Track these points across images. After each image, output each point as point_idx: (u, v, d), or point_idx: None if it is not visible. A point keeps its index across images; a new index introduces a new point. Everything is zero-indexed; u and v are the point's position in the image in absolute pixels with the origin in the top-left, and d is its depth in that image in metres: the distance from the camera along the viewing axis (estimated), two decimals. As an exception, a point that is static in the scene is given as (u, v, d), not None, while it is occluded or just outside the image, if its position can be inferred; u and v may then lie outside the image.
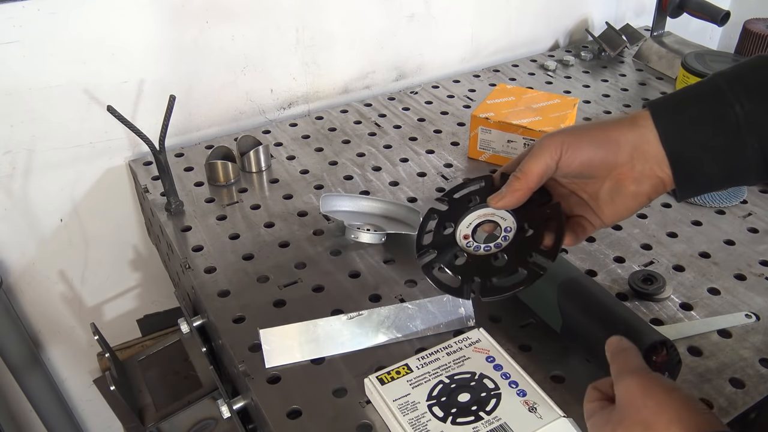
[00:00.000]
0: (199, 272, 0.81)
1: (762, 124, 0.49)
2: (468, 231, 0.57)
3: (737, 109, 0.49)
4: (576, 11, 1.45)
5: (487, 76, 1.31)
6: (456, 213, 0.60)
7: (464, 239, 0.57)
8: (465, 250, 0.56)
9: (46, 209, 1.04)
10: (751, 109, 0.48)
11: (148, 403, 0.91)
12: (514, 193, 0.54)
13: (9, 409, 1.21)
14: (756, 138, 0.49)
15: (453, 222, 0.59)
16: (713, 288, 0.77)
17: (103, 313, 1.19)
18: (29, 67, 0.91)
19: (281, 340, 0.69)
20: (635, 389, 0.45)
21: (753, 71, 0.50)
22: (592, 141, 0.52)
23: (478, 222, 0.58)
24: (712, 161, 0.51)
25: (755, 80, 0.50)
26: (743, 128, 0.49)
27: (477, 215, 0.58)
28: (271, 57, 1.11)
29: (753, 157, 0.49)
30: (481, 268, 0.55)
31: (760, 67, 0.50)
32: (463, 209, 0.60)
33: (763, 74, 0.50)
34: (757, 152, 0.49)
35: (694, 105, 0.51)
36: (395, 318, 0.71)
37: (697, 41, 1.37)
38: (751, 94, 0.49)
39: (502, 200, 0.54)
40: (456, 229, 0.58)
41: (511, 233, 0.56)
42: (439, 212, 0.61)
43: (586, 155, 0.52)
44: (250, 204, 0.94)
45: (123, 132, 1.03)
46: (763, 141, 0.49)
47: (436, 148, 1.07)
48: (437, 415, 0.59)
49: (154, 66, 1.01)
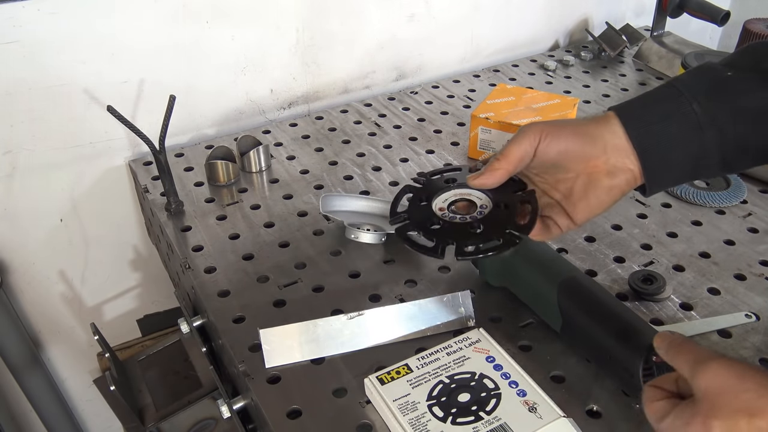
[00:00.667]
0: (199, 272, 0.81)
1: (719, 119, 0.54)
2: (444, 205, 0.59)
3: (695, 107, 0.54)
4: (576, 11, 1.45)
5: (487, 76, 1.31)
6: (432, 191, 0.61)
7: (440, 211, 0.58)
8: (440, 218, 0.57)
9: (46, 209, 1.04)
10: (708, 107, 0.54)
11: (148, 403, 0.91)
12: (493, 173, 0.55)
13: (9, 409, 1.21)
14: (715, 131, 0.54)
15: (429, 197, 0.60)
16: (713, 288, 0.77)
17: (103, 313, 1.20)
18: (29, 67, 0.91)
19: (281, 340, 0.69)
20: (729, 374, 0.42)
21: (702, 74, 0.56)
22: (570, 132, 0.55)
23: (453, 199, 0.59)
24: (677, 154, 0.55)
25: (707, 83, 0.55)
26: (703, 123, 0.54)
27: (453, 193, 0.60)
28: (271, 57, 1.11)
29: (713, 149, 0.54)
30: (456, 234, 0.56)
31: (707, 71, 0.56)
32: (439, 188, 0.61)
33: (712, 77, 0.55)
34: (716, 145, 0.54)
35: (657, 105, 0.56)
36: (395, 318, 0.71)
37: (697, 41, 1.37)
38: (706, 94, 0.54)
39: (480, 178, 0.56)
40: (432, 203, 0.59)
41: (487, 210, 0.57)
42: (415, 188, 0.63)
43: (564, 145, 0.55)
44: (250, 204, 0.94)
45: (123, 132, 1.03)
46: (721, 135, 0.54)
47: (436, 148, 1.07)
48: (437, 415, 0.59)
49: (154, 66, 1.01)
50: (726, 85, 0.54)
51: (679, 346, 0.46)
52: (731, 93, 0.54)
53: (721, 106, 0.54)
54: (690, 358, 0.45)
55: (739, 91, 0.54)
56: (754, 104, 0.54)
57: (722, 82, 0.55)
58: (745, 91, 0.54)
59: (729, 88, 0.54)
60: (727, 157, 0.55)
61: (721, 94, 0.54)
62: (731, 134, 0.54)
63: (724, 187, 0.93)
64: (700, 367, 0.43)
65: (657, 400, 0.46)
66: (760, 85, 0.54)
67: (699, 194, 0.91)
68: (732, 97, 0.54)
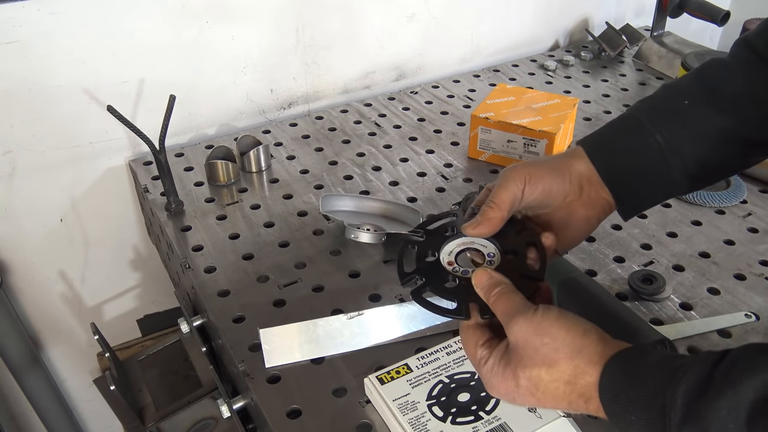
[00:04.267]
0: (199, 272, 0.81)
1: (681, 147, 0.57)
2: (451, 258, 0.57)
3: (658, 138, 0.57)
4: (576, 11, 1.45)
5: (487, 76, 1.31)
6: (434, 243, 0.59)
7: (449, 265, 0.56)
8: (453, 274, 0.56)
9: (46, 209, 1.04)
10: (669, 137, 0.57)
11: (148, 403, 0.91)
12: (489, 221, 0.55)
13: (9, 409, 1.21)
14: (678, 159, 0.57)
15: (433, 250, 0.58)
16: (713, 288, 0.77)
17: (103, 313, 1.20)
18: (29, 67, 0.91)
19: (281, 339, 0.69)
20: (529, 330, 0.46)
21: (663, 102, 0.59)
22: (549, 170, 0.57)
23: (459, 250, 0.57)
24: (644, 184, 0.58)
25: (668, 110, 0.58)
26: (666, 153, 0.57)
27: (456, 243, 0.58)
28: (270, 57, 1.11)
29: (679, 176, 0.57)
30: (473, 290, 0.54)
31: (668, 99, 0.59)
32: (440, 239, 0.59)
33: (673, 105, 0.58)
34: (681, 171, 0.57)
35: (621, 137, 0.59)
36: (395, 318, 0.71)
37: (697, 41, 1.37)
38: (667, 123, 0.57)
39: (478, 228, 0.56)
40: (439, 257, 0.58)
41: (495, 258, 0.56)
42: (417, 242, 0.60)
43: (547, 183, 0.57)
44: (250, 204, 0.94)
45: (123, 132, 1.03)
46: (683, 161, 0.57)
47: (436, 148, 1.07)
48: (437, 414, 0.59)
49: (154, 66, 1.01)
50: (685, 114, 0.58)
51: (497, 297, 0.49)
52: (690, 121, 0.57)
53: (682, 134, 0.57)
54: (504, 309, 0.48)
55: (697, 119, 0.57)
56: (711, 130, 0.57)
57: (681, 111, 0.58)
58: (703, 118, 0.57)
59: (688, 117, 0.57)
60: (693, 178, 0.58)
61: (680, 123, 0.57)
62: (693, 159, 0.57)
63: (724, 187, 0.93)
64: (510, 322, 0.47)
65: (478, 345, 0.50)
66: (714, 112, 0.57)
67: (699, 194, 0.91)
68: (692, 125, 0.57)
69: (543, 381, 0.45)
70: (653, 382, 0.41)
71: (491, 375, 0.48)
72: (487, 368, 0.49)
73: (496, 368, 0.48)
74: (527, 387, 0.46)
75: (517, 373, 0.46)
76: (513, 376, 0.46)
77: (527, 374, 0.46)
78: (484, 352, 0.49)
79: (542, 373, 0.45)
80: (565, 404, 0.46)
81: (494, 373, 0.48)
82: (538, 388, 0.46)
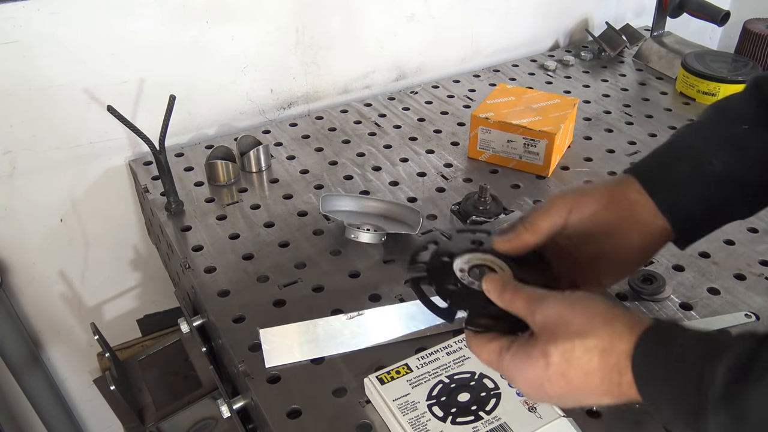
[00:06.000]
0: (199, 272, 0.81)
1: (739, 175, 0.54)
2: (465, 267, 0.57)
3: (715, 164, 0.54)
4: (576, 11, 1.45)
5: (487, 76, 1.31)
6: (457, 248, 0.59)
7: (460, 272, 0.56)
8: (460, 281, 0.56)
9: (46, 209, 1.04)
10: (727, 164, 0.54)
11: (148, 403, 0.91)
12: (519, 241, 0.54)
13: (9, 409, 1.21)
14: (736, 187, 0.54)
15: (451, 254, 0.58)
16: (713, 288, 0.77)
17: (103, 313, 1.20)
18: (29, 67, 0.91)
19: (281, 339, 0.69)
20: (562, 305, 0.45)
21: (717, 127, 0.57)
22: (596, 196, 0.55)
23: (476, 263, 0.57)
24: (703, 212, 0.56)
25: (722, 136, 0.55)
26: (724, 181, 0.54)
27: (476, 257, 0.57)
28: (271, 57, 1.11)
29: (737, 202, 0.55)
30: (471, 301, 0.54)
31: (721, 124, 0.57)
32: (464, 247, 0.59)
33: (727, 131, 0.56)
34: (739, 197, 0.55)
35: (677, 164, 0.56)
36: (395, 318, 0.71)
37: (697, 41, 1.37)
38: (724, 149, 0.54)
39: (509, 243, 0.55)
40: (453, 261, 0.58)
41: None
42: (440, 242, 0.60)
43: (593, 209, 0.55)
44: (250, 204, 0.94)
45: (123, 132, 1.03)
46: (742, 188, 0.54)
47: (436, 148, 1.07)
48: (437, 414, 0.59)
49: (154, 66, 1.01)
50: (742, 141, 0.55)
51: (514, 291, 0.49)
52: (749, 148, 0.54)
53: (740, 160, 0.54)
54: (525, 298, 0.48)
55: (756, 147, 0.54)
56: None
57: (738, 137, 0.55)
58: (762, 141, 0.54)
59: (746, 144, 0.54)
60: (753, 203, 0.56)
61: (738, 149, 0.54)
62: (753, 185, 0.54)
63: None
64: (536, 304, 0.46)
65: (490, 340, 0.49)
66: None
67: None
68: (751, 152, 0.54)
69: (575, 355, 0.43)
70: (693, 356, 0.39)
71: (516, 360, 0.46)
72: (511, 354, 0.46)
73: (521, 352, 0.46)
74: (558, 365, 0.44)
75: (548, 349, 0.44)
76: (543, 354, 0.44)
77: (560, 348, 0.44)
78: (505, 342, 0.47)
79: (576, 344, 0.43)
80: (597, 381, 0.43)
81: (520, 357, 0.46)
82: (571, 364, 0.43)
